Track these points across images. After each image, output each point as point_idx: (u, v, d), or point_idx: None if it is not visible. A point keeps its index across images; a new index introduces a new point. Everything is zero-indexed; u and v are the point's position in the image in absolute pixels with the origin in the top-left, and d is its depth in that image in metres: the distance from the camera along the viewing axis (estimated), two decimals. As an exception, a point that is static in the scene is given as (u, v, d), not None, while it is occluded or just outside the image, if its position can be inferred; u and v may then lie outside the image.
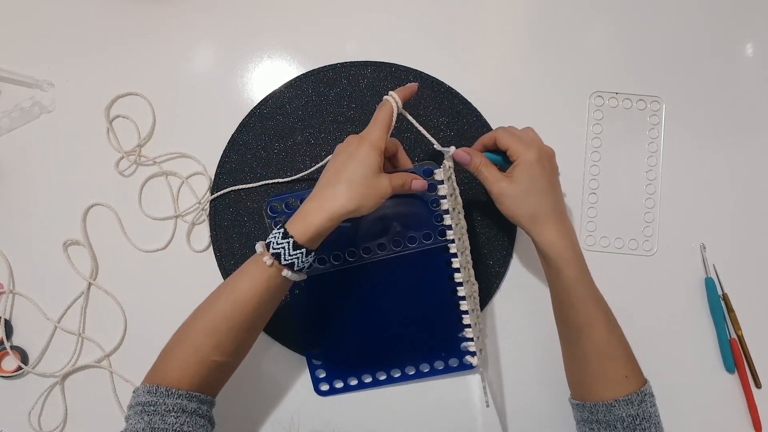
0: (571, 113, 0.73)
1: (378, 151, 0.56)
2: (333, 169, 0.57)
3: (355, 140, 0.57)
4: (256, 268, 0.55)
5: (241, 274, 0.56)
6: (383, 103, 0.59)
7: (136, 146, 0.73)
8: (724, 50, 0.74)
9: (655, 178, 0.72)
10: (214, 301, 0.57)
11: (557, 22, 0.75)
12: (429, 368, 0.69)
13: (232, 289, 0.56)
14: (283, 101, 0.73)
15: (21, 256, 0.72)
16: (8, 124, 0.73)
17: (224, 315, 0.55)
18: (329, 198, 0.55)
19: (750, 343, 0.70)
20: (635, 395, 0.56)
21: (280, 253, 0.54)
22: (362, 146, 0.56)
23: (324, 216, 0.54)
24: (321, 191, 0.56)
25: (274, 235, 0.55)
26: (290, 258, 0.54)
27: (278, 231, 0.55)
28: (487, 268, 0.71)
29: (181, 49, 0.74)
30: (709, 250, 0.71)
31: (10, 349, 0.70)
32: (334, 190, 0.55)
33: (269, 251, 0.54)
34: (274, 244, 0.54)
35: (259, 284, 0.55)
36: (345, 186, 0.55)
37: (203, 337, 0.55)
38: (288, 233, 0.54)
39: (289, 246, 0.54)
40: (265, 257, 0.54)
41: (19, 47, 0.75)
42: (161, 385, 0.54)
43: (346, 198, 0.54)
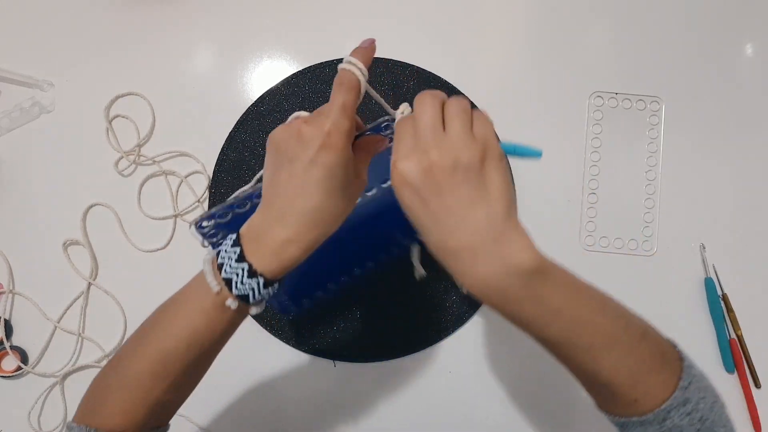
0: (571, 113, 0.73)
1: (346, 153, 0.43)
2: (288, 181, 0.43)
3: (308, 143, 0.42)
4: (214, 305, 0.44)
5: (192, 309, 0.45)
6: (343, 75, 0.44)
7: (135, 146, 0.73)
8: (724, 50, 0.74)
9: (655, 178, 0.72)
10: (162, 339, 0.46)
11: (557, 21, 0.75)
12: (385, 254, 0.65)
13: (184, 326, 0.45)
14: (280, 98, 0.73)
15: (21, 256, 0.72)
16: (8, 124, 0.73)
17: (177, 357, 0.45)
18: (306, 228, 0.43)
19: (749, 344, 0.69)
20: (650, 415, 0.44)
21: (247, 295, 0.43)
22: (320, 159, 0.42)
23: (304, 250, 0.44)
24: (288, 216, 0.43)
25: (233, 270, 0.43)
26: (260, 297, 0.44)
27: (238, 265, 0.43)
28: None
29: (180, 49, 0.75)
30: (708, 250, 0.71)
31: (9, 349, 0.70)
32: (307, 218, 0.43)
33: (231, 290, 0.43)
34: (238, 284, 0.43)
35: (220, 322, 0.45)
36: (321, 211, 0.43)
37: (152, 380, 0.45)
38: (255, 270, 0.43)
39: (258, 285, 0.43)
40: (228, 300, 0.43)
41: (19, 47, 0.75)
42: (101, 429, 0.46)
43: (328, 222, 0.44)
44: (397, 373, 0.70)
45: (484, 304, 0.45)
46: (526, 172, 0.72)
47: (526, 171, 0.72)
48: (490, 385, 0.70)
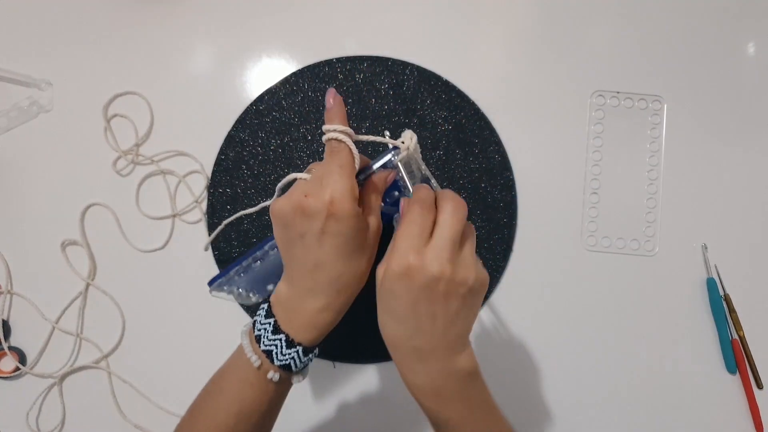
0: (572, 112, 0.73)
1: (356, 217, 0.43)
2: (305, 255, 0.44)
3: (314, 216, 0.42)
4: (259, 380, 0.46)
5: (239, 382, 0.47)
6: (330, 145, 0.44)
7: (133, 145, 0.72)
8: (726, 49, 0.74)
9: (657, 178, 0.72)
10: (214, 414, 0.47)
11: (558, 20, 0.74)
12: None
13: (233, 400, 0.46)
14: (279, 97, 0.73)
15: (19, 256, 0.72)
16: (6, 123, 0.73)
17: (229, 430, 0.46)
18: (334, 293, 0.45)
19: (752, 344, 0.69)
20: None
21: (289, 365, 0.45)
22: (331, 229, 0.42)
23: (336, 318, 0.46)
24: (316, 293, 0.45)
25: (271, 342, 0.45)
26: (301, 365, 0.46)
27: (276, 337, 0.45)
28: (486, 262, 0.70)
29: (178, 48, 0.74)
30: (710, 250, 0.71)
31: (7, 350, 0.70)
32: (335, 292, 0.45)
33: (273, 362, 0.45)
34: (278, 355, 0.45)
35: (266, 393, 0.46)
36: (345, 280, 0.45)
37: None
38: (293, 340, 0.45)
39: (299, 355, 0.45)
40: (269, 373, 0.45)
41: (17, 46, 0.74)
42: None
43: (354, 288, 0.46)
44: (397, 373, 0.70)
45: (415, 398, 0.47)
46: (526, 172, 0.72)
47: (526, 171, 0.72)
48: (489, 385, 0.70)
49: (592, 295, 0.71)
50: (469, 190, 0.71)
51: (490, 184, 0.71)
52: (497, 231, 0.71)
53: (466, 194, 0.71)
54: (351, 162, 0.43)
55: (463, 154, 0.71)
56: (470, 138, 0.72)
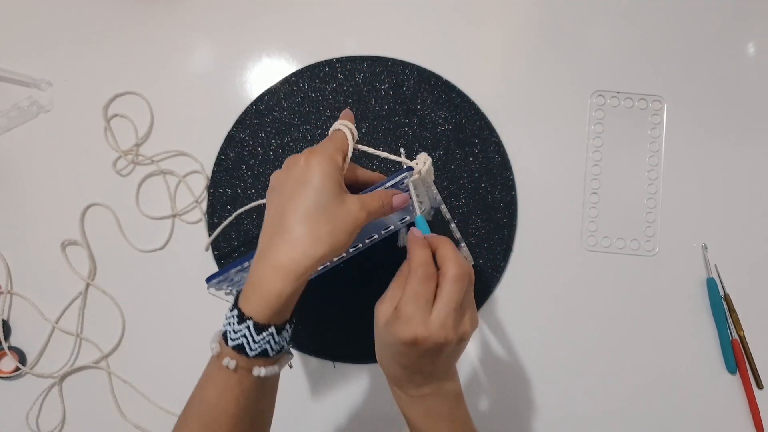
0: (572, 112, 0.73)
1: (334, 162, 0.43)
2: (278, 208, 0.43)
3: (300, 157, 0.43)
4: (219, 372, 0.42)
5: (204, 382, 0.44)
6: (334, 130, 0.48)
7: (133, 145, 0.72)
8: (726, 49, 0.74)
9: (657, 178, 0.72)
10: (184, 420, 0.44)
11: (558, 20, 0.74)
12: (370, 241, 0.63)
13: (199, 404, 0.43)
14: (279, 97, 0.73)
15: (19, 256, 0.72)
16: (6, 123, 0.73)
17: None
18: (285, 251, 0.41)
19: (752, 344, 0.69)
20: None
21: (242, 345, 0.41)
22: (311, 161, 0.42)
23: (285, 280, 0.41)
24: (271, 245, 0.42)
25: (227, 320, 0.42)
26: (257, 347, 0.41)
27: (231, 314, 0.42)
28: (486, 262, 0.70)
29: (178, 48, 0.74)
30: (710, 250, 0.71)
31: (8, 350, 0.70)
32: (289, 238, 0.41)
33: (228, 344, 0.42)
34: (231, 334, 0.41)
35: (230, 390, 0.42)
36: (302, 228, 0.41)
37: None
38: (243, 314, 0.41)
39: (250, 331, 0.41)
40: (224, 359, 0.41)
41: (17, 46, 0.74)
42: None
43: (310, 244, 0.41)
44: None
45: (405, 416, 0.50)
46: (526, 172, 0.72)
47: (526, 171, 0.72)
48: (488, 385, 0.70)
49: (592, 295, 0.71)
50: (469, 190, 0.71)
51: (490, 184, 0.71)
52: (497, 231, 0.71)
53: (466, 194, 0.71)
54: (343, 141, 0.45)
55: (463, 154, 0.71)
56: (470, 138, 0.72)
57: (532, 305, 0.70)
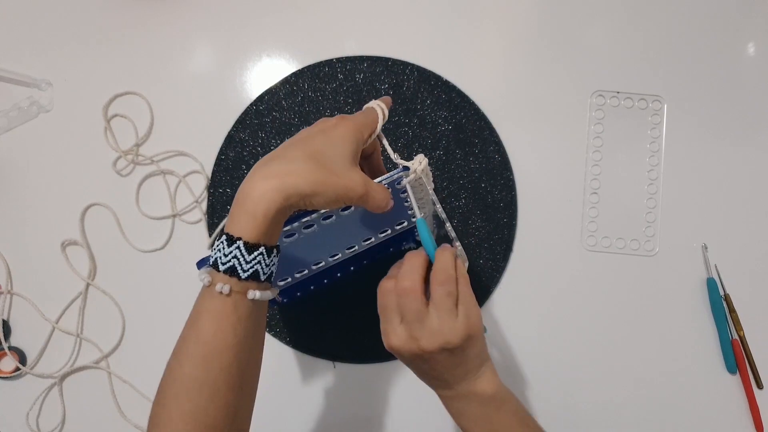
0: (572, 112, 0.73)
1: (359, 135, 0.45)
2: (291, 140, 0.44)
3: (331, 119, 0.46)
4: (212, 302, 0.41)
5: (198, 315, 0.42)
6: (370, 107, 0.50)
7: (133, 145, 0.72)
8: (726, 49, 0.74)
9: (657, 178, 0.72)
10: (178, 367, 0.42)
11: (558, 20, 0.74)
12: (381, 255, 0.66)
13: (194, 342, 0.42)
14: (279, 97, 0.73)
15: (19, 256, 0.72)
16: (6, 123, 0.73)
17: (200, 381, 0.41)
18: (278, 172, 0.40)
19: (752, 344, 0.69)
20: None
21: (234, 267, 0.40)
22: (341, 125, 0.44)
23: (272, 194, 0.40)
24: (267, 164, 0.42)
25: (217, 248, 0.41)
26: (249, 267, 0.40)
27: (220, 242, 0.41)
28: (486, 262, 0.70)
29: (178, 48, 0.74)
30: (710, 250, 0.71)
31: (8, 350, 0.70)
32: (288, 161, 0.41)
33: (219, 271, 0.40)
34: (222, 258, 0.40)
35: (226, 319, 0.41)
36: (304, 161, 0.41)
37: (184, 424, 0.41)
38: (232, 236, 0.40)
39: (241, 252, 0.40)
40: (217, 285, 0.40)
41: (17, 46, 0.74)
42: None
43: (303, 176, 0.40)
44: (397, 373, 0.70)
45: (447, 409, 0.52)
46: (526, 172, 0.72)
47: (526, 171, 0.72)
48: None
49: (592, 296, 0.71)
50: (469, 190, 0.71)
51: (490, 184, 0.71)
52: (497, 231, 0.71)
53: (466, 194, 0.71)
54: (374, 120, 0.49)
55: (463, 154, 0.71)
56: (470, 138, 0.72)
57: (532, 305, 0.70)
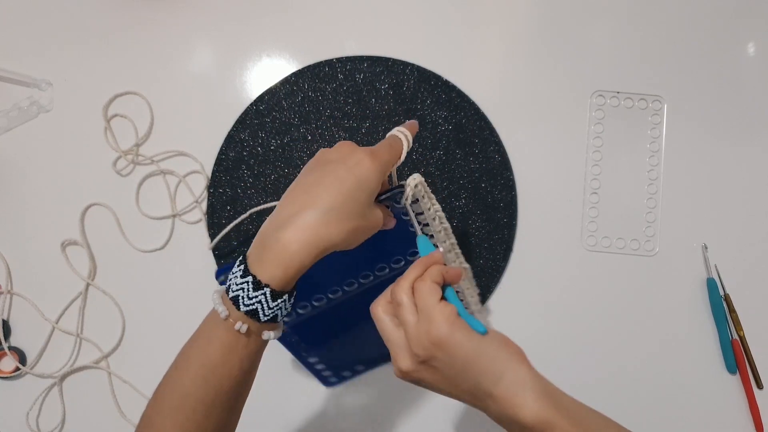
0: (572, 112, 0.73)
1: (383, 175, 0.44)
2: (316, 178, 0.43)
3: (356, 150, 0.44)
4: (226, 334, 0.42)
5: (206, 342, 0.43)
6: (395, 138, 0.48)
7: (133, 145, 0.72)
8: (726, 49, 0.74)
9: (657, 178, 0.72)
10: (178, 383, 0.44)
11: (558, 20, 0.74)
12: None
13: (200, 364, 0.43)
14: (279, 97, 0.73)
15: (19, 256, 0.72)
16: (6, 123, 0.73)
17: (197, 399, 0.42)
18: (313, 226, 0.41)
19: (752, 344, 0.69)
20: None
21: (256, 311, 0.41)
22: (365, 161, 0.43)
23: (309, 252, 0.41)
24: (301, 216, 0.41)
25: (239, 286, 0.41)
26: (270, 312, 0.41)
27: (244, 280, 0.41)
28: (486, 262, 0.70)
29: (178, 48, 0.74)
30: (710, 250, 0.71)
31: (8, 350, 0.70)
32: (322, 212, 0.41)
33: (239, 309, 0.41)
34: (245, 300, 0.41)
35: (236, 352, 0.42)
36: (337, 212, 0.41)
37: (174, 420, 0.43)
38: (260, 281, 0.41)
39: (266, 298, 0.41)
40: (236, 324, 0.41)
41: (17, 46, 0.74)
42: None
43: (337, 228, 0.41)
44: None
45: None
46: (526, 172, 0.72)
47: (526, 171, 0.72)
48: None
49: (592, 295, 0.71)
50: (469, 190, 0.71)
51: (490, 184, 0.71)
52: (497, 231, 0.71)
53: (467, 194, 0.71)
54: (398, 154, 0.46)
55: (463, 154, 0.71)
56: (470, 138, 0.72)
57: (532, 305, 0.70)
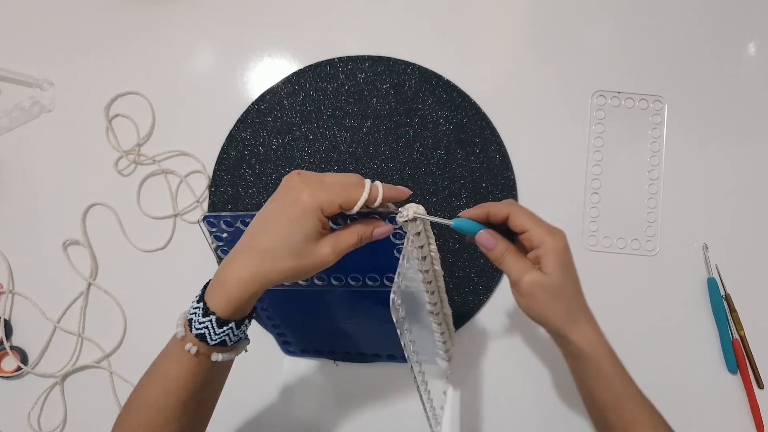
0: (573, 112, 0.73)
1: (317, 217, 0.45)
2: (259, 222, 0.47)
3: (295, 187, 0.46)
4: (181, 352, 0.46)
5: (167, 357, 0.48)
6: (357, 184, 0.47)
7: (135, 145, 0.72)
8: (727, 49, 0.74)
9: (658, 178, 0.72)
10: (145, 392, 0.49)
11: (559, 20, 0.74)
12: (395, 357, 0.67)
13: (161, 376, 0.48)
14: (280, 97, 0.73)
15: (21, 256, 0.72)
16: (8, 123, 0.73)
17: (158, 408, 0.47)
18: (250, 265, 0.45)
19: (752, 344, 0.69)
20: None
21: (204, 335, 0.45)
22: (301, 200, 0.45)
23: (246, 289, 0.45)
24: (242, 254, 0.46)
25: (194, 310, 0.46)
26: (217, 337, 0.46)
27: (197, 305, 0.46)
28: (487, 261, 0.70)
29: (180, 47, 0.74)
30: (711, 250, 0.71)
31: (9, 350, 0.70)
32: (256, 255, 0.45)
33: (192, 331, 0.46)
34: (197, 324, 0.45)
35: (189, 368, 0.47)
36: (271, 255, 0.45)
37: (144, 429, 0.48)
38: (207, 309, 0.45)
39: (212, 324, 0.45)
40: (187, 345, 0.46)
41: (19, 47, 0.74)
42: None
43: (272, 269, 0.45)
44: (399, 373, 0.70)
45: None
46: (527, 172, 0.72)
47: (527, 171, 0.72)
48: (487, 385, 0.70)
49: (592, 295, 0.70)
50: (470, 190, 0.71)
51: (491, 184, 0.71)
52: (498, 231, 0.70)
53: (467, 194, 0.71)
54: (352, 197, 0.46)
55: (464, 153, 0.72)
56: (471, 138, 0.72)
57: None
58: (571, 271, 0.51)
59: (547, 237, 0.49)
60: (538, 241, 0.50)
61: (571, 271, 0.51)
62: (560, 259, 0.50)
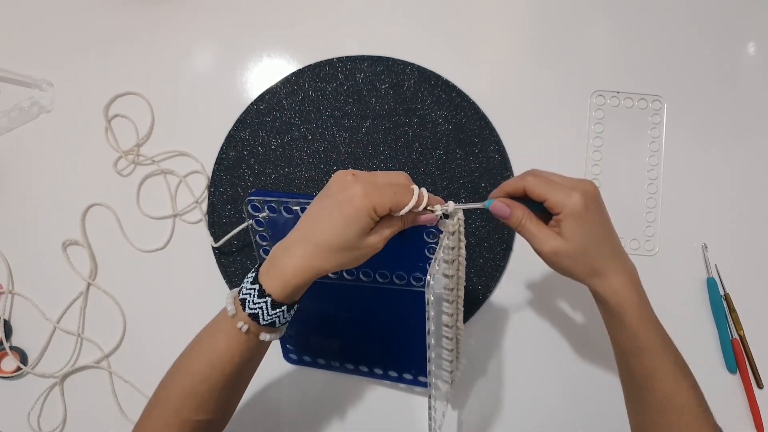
0: (572, 112, 0.73)
1: (370, 217, 0.47)
2: (314, 216, 0.49)
3: (351, 185, 0.48)
4: (232, 329, 0.50)
5: (215, 331, 0.51)
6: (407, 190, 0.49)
7: (134, 145, 0.72)
8: (726, 49, 0.74)
9: (657, 178, 0.72)
10: (190, 362, 0.52)
11: (559, 20, 0.74)
12: (397, 375, 0.68)
13: (208, 349, 0.51)
14: (279, 97, 0.73)
15: (20, 256, 0.72)
16: (7, 123, 0.73)
17: (202, 378, 0.50)
18: (307, 256, 0.48)
19: (752, 344, 0.69)
20: None
21: (257, 315, 0.49)
22: (355, 200, 0.47)
23: (303, 276, 0.48)
24: (300, 244, 0.49)
25: (247, 291, 0.49)
26: (269, 318, 0.49)
27: (252, 287, 0.49)
28: (486, 261, 0.70)
29: (179, 48, 0.74)
30: (710, 249, 0.71)
31: (9, 350, 0.70)
32: (313, 247, 0.48)
33: (244, 310, 0.49)
34: (250, 304, 0.49)
35: (237, 344, 0.50)
36: (326, 248, 0.48)
37: (182, 398, 0.51)
38: (264, 291, 0.49)
39: (267, 306, 0.48)
40: (239, 323, 0.49)
41: (18, 47, 0.74)
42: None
43: (327, 261, 0.48)
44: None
45: None
46: (527, 172, 0.72)
47: (527, 170, 0.72)
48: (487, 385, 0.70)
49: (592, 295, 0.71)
50: (469, 190, 0.71)
51: (490, 184, 0.71)
52: (497, 230, 0.71)
53: (466, 193, 0.71)
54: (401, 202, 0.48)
55: (463, 153, 0.72)
56: (470, 137, 0.72)
57: (532, 304, 0.70)
58: (593, 228, 0.51)
59: (564, 201, 0.50)
60: (556, 207, 0.50)
61: (592, 228, 0.51)
62: (579, 221, 0.50)
